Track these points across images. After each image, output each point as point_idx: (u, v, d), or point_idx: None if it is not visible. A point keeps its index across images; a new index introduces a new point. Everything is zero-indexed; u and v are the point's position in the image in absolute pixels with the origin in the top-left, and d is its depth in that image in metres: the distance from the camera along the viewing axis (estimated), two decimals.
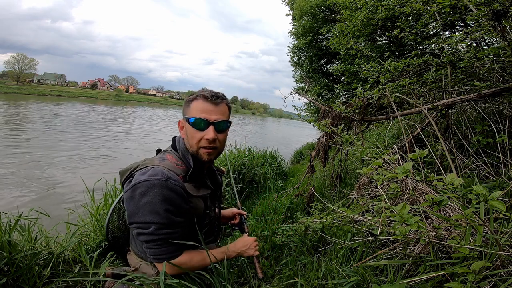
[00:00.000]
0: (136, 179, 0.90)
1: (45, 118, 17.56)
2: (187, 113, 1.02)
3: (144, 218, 0.88)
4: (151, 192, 0.87)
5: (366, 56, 5.20)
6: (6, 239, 1.41)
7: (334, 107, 2.46)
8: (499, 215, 0.95)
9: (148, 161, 0.99)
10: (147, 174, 0.89)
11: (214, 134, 0.97)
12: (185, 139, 1.04)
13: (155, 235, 0.90)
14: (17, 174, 6.20)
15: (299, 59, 14.72)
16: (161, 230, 0.89)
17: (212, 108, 0.99)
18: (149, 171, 0.90)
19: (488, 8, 1.52)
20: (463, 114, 1.99)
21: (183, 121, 1.05)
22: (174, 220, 0.91)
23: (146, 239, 0.91)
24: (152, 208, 0.87)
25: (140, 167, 0.95)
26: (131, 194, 0.89)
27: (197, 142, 0.99)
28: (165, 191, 0.88)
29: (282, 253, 1.88)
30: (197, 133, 0.98)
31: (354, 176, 2.77)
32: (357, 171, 1.51)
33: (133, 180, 0.90)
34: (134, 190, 0.88)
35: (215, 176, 1.19)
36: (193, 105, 1.00)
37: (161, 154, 1.06)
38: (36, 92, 60.11)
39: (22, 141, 9.62)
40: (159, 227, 0.89)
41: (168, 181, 0.89)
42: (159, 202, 0.87)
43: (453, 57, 2.01)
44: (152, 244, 0.92)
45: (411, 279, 0.89)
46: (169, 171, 0.92)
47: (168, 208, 0.89)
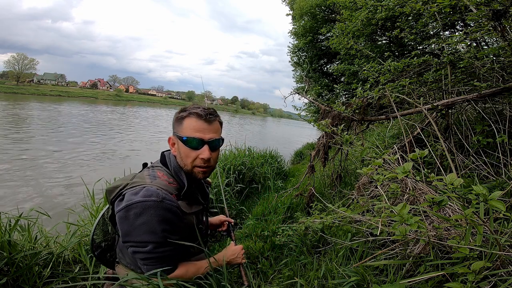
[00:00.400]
0: (128, 200, 0.87)
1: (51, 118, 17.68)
2: (179, 131, 0.98)
3: (140, 238, 0.87)
4: (147, 213, 0.85)
5: (366, 56, 5.20)
6: (6, 239, 1.41)
7: (334, 107, 2.46)
8: (499, 215, 0.95)
9: (138, 179, 0.95)
10: (140, 194, 0.87)
11: (209, 154, 0.96)
12: (178, 157, 1.01)
13: (152, 253, 0.89)
14: (18, 173, 6.21)
15: (299, 59, 14.72)
16: (158, 248, 0.89)
17: (206, 126, 0.97)
18: (142, 191, 0.88)
19: (488, 8, 1.52)
20: (463, 114, 1.99)
21: (174, 138, 1.01)
22: (170, 238, 0.91)
23: (143, 257, 0.90)
24: (149, 228, 0.86)
25: (130, 186, 0.91)
26: (124, 214, 0.87)
27: (192, 161, 0.98)
28: (161, 211, 0.87)
29: (282, 253, 1.88)
30: (192, 152, 0.97)
31: (354, 176, 2.77)
32: (357, 171, 1.51)
33: (125, 201, 0.88)
34: (128, 210, 0.86)
35: (204, 189, 1.19)
36: (186, 123, 0.97)
37: (151, 171, 1.00)
38: (36, 92, 60.13)
39: (23, 141, 9.63)
40: (156, 246, 0.89)
41: (164, 201, 0.88)
42: (156, 223, 0.86)
43: (453, 57, 2.01)
44: (149, 262, 0.91)
45: (411, 279, 0.89)
46: (162, 190, 0.90)
47: (165, 228, 0.89)
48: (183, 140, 0.96)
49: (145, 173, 0.99)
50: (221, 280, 1.08)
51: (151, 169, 1.01)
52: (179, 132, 0.98)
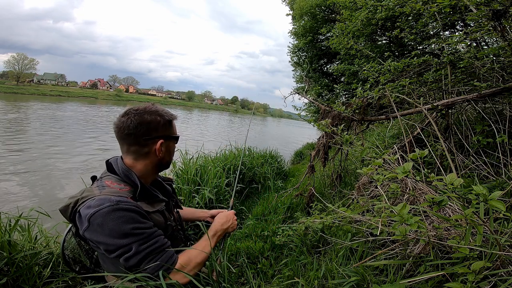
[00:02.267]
0: (86, 214, 0.85)
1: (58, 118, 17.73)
2: (172, 132, 1.08)
3: (119, 243, 0.86)
4: (108, 219, 0.84)
5: (366, 56, 5.21)
6: (6, 239, 1.41)
7: (334, 107, 2.46)
8: (499, 215, 0.95)
9: (88, 192, 0.93)
10: (93, 205, 0.86)
11: None
12: (157, 160, 1.05)
13: (141, 253, 0.88)
14: (18, 172, 6.21)
15: (299, 59, 14.72)
16: (142, 245, 0.88)
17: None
18: (94, 202, 0.87)
19: (488, 8, 1.52)
20: (463, 114, 1.99)
21: (165, 141, 1.05)
22: (148, 233, 0.91)
23: (135, 261, 0.88)
24: (119, 232, 0.85)
25: (81, 202, 0.90)
26: (91, 229, 0.85)
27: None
28: (121, 213, 0.86)
29: (282, 253, 1.88)
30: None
31: (354, 176, 2.77)
32: (357, 171, 1.51)
33: (83, 216, 0.86)
34: (91, 225, 0.85)
35: (164, 186, 1.19)
36: (174, 125, 1.09)
37: (99, 182, 0.98)
38: (36, 92, 60.14)
39: (26, 141, 9.63)
40: (140, 244, 0.88)
41: (119, 204, 0.87)
42: (122, 224, 0.85)
43: (453, 57, 2.01)
44: (145, 262, 0.89)
45: (411, 279, 0.89)
46: (114, 196, 0.89)
47: (134, 226, 0.87)
48: (176, 139, 1.10)
49: (94, 186, 0.97)
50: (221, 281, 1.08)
51: (99, 181, 1.00)
52: (173, 133, 1.08)
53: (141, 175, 1.03)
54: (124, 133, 0.98)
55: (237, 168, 3.80)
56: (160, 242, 0.93)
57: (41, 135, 11.12)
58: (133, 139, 0.99)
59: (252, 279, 1.52)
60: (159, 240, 0.93)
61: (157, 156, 1.04)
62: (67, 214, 0.93)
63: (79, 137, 11.75)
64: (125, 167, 1.00)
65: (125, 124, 0.98)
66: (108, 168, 1.04)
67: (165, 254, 0.93)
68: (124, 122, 0.98)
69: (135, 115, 0.98)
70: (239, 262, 1.83)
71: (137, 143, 1.00)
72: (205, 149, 3.95)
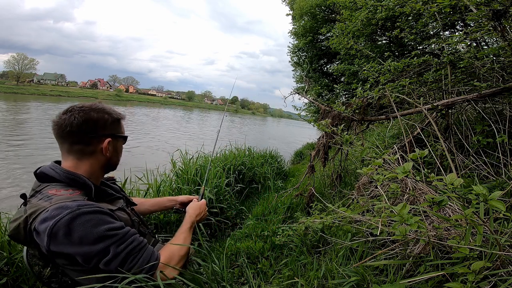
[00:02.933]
0: (43, 230, 0.76)
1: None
2: (120, 131, 1.05)
3: (95, 249, 0.79)
4: (73, 226, 0.76)
5: (366, 56, 5.21)
6: (6, 239, 1.41)
7: (334, 107, 2.46)
8: (499, 215, 0.95)
9: (33, 208, 0.81)
10: (50, 217, 0.76)
11: None
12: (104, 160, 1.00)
13: (120, 254, 0.83)
14: (18, 171, 6.21)
15: (299, 59, 14.73)
16: (120, 246, 0.83)
17: None
18: (48, 213, 0.77)
19: (488, 8, 1.52)
20: (463, 114, 1.99)
21: (113, 139, 1.00)
22: (122, 233, 0.85)
23: (117, 263, 0.82)
24: (91, 238, 0.78)
25: (32, 218, 0.79)
26: (57, 243, 0.76)
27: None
28: (86, 217, 0.79)
29: (282, 253, 1.88)
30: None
31: (354, 176, 2.77)
32: (357, 171, 1.51)
33: (42, 232, 0.76)
34: (54, 238, 0.76)
35: (111, 186, 1.16)
36: (122, 124, 1.06)
37: (39, 195, 0.86)
38: (36, 92, 60.14)
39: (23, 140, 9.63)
40: (117, 245, 0.82)
41: (81, 208, 0.79)
42: (92, 229, 0.78)
43: (453, 57, 2.01)
44: (129, 262, 0.84)
45: (411, 279, 0.89)
46: (69, 201, 0.81)
47: (105, 227, 0.81)
48: (125, 139, 1.07)
49: (35, 201, 0.84)
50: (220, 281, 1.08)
51: (38, 194, 0.87)
52: (121, 132, 1.05)
53: (88, 176, 0.95)
54: (65, 130, 0.90)
55: (236, 169, 3.80)
56: (137, 240, 0.89)
57: (43, 134, 11.14)
58: (76, 137, 0.92)
59: (252, 279, 1.52)
60: (135, 239, 0.88)
61: (104, 156, 0.99)
62: (20, 236, 0.81)
63: None
64: (67, 170, 0.92)
65: (67, 121, 0.90)
66: (41, 178, 0.92)
67: (146, 251, 0.89)
68: (67, 119, 0.90)
69: (79, 112, 0.92)
70: (239, 262, 1.83)
71: (81, 142, 0.93)
72: (205, 150, 3.95)
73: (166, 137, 14.78)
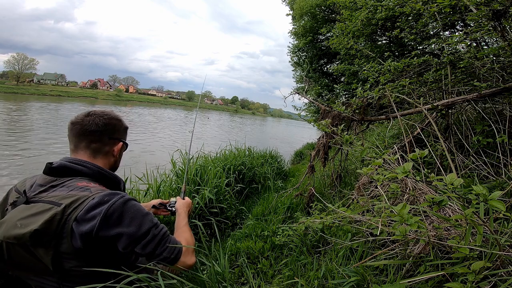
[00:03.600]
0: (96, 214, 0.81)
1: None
2: (126, 138, 1.16)
3: (142, 231, 0.88)
4: (125, 209, 0.86)
5: (366, 56, 5.20)
6: None
7: (334, 107, 2.46)
8: (499, 215, 0.95)
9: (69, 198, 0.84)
10: (102, 202, 0.83)
11: None
12: (113, 161, 1.10)
13: (156, 237, 0.92)
14: (18, 169, 6.21)
15: (299, 59, 14.73)
16: (156, 229, 0.93)
17: None
18: (98, 199, 0.84)
19: (488, 8, 1.52)
20: (463, 114, 1.99)
21: (122, 144, 1.12)
22: (155, 219, 0.96)
23: (152, 246, 0.90)
24: (138, 220, 0.88)
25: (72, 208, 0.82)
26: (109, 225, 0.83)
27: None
28: (132, 202, 0.90)
29: (282, 253, 1.88)
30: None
31: (354, 176, 2.77)
32: (357, 171, 1.51)
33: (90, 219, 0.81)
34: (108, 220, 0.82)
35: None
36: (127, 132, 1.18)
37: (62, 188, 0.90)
38: (36, 92, 60.10)
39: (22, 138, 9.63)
40: (154, 228, 0.92)
41: (126, 195, 0.89)
42: (137, 212, 0.89)
43: (453, 57, 2.01)
44: (161, 246, 0.93)
45: (411, 279, 0.89)
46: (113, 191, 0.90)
47: (145, 213, 0.92)
48: (127, 146, 1.16)
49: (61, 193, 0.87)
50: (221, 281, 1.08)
51: (60, 187, 0.90)
52: (126, 139, 1.17)
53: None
54: (89, 129, 1.00)
55: (236, 169, 3.80)
56: (164, 228, 0.97)
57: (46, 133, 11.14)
58: (98, 136, 1.02)
59: (252, 279, 1.52)
60: (163, 227, 0.97)
61: (113, 157, 1.09)
62: (51, 230, 0.79)
63: None
64: (99, 166, 1.01)
65: (92, 122, 1.01)
66: (61, 173, 0.94)
67: (172, 238, 0.98)
68: (91, 120, 1.02)
69: (102, 115, 1.05)
70: (239, 262, 1.83)
71: (100, 141, 1.03)
72: (205, 149, 3.95)
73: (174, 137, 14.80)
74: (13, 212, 0.84)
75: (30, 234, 0.76)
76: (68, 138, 1.04)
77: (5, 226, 0.80)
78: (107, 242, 0.85)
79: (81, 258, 0.83)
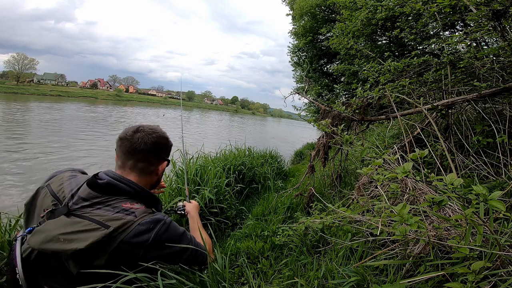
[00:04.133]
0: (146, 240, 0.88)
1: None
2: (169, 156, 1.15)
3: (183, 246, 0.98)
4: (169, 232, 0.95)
5: (366, 56, 5.20)
6: (6, 239, 1.41)
7: (334, 107, 2.46)
8: (499, 215, 0.95)
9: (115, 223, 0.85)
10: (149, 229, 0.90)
11: None
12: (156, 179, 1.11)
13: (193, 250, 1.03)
14: (18, 171, 6.21)
15: (299, 59, 14.73)
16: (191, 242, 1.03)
17: None
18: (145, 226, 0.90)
19: (488, 8, 1.52)
20: (463, 114, 1.99)
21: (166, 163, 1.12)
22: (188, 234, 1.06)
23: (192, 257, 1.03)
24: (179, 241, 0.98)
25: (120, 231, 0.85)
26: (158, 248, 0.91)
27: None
28: (173, 224, 0.98)
29: (282, 253, 1.88)
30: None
31: (354, 176, 2.77)
32: (357, 171, 1.51)
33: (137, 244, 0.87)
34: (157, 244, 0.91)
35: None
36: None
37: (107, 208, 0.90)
38: (36, 92, 60.11)
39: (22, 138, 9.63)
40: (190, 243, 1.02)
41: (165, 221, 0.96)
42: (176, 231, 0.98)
43: (453, 57, 2.02)
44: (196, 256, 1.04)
45: (411, 279, 0.89)
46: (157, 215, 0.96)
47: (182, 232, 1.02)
48: (169, 162, 1.15)
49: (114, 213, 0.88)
50: (221, 281, 1.08)
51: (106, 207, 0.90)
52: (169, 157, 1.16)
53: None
54: (138, 148, 0.99)
55: (236, 169, 3.80)
56: (193, 238, 1.08)
57: (42, 134, 11.14)
58: (144, 155, 1.00)
59: (252, 279, 1.52)
60: (191, 236, 1.07)
61: (156, 176, 1.09)
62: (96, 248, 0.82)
63: (80, 135, 11.76)
64: (144, 189, 1.02)
65: (141, 140, 0.99)
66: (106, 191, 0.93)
67: (199, 245, 1.09)
68: (140, 138, 0.99)
69: (151, 133, 1.02)
70: (239, 262, 1.83)
71: (146, 160, 1.02)
72: (205, 149, 3.95)
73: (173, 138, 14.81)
74: (54, 223, 0.84)
75: (72, 252, 0.78)
76: (115, 152, 1.03)
77: (44, 236, 0.80)
78: (148, 261, 0.90)
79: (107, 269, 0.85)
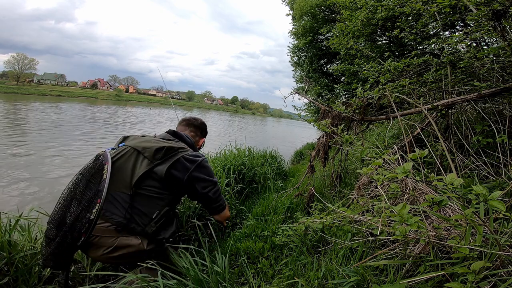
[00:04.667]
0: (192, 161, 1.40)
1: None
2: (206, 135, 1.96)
3: (213, 180, 1.49)
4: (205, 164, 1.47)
5: (366, 56, 5.20)
6: (6, 239, 1.41)
7: (334, 107, 2.46)
8: (499, 215, 0.95)
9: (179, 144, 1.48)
10: (196, 156, 1.45)
11: None
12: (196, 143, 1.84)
13: (219, 188, 1.54)
14: (17, 172, 6.20)
15: (299, 59, 14.72)
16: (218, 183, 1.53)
17: None
18: (194, 153, 1.46)
19: (488, 8, 1.52)
20: (463, 114, 1.99)
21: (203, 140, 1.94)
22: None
23: (218, 192, 1.53)
24: (211, 173, 1.49)
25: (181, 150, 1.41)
26: (198, 170, 1.41)
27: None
28: (207, 162, 1.50)
29: (282, 253, 1.88)
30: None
31: (354, 176, 2.77)
32: (357, 171, 1.51)
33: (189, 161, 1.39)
34: (199, 167, 1.41)
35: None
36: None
37: (175, 142, 1.50)
38: (36, 92, 60.08)
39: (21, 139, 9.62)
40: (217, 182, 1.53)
41: (204, 157, 1.49)
42: (210, 168, 1.49)
43: (453, 57, 2.01)
44: (219, 194, 1.53)
45: (411, 279, 0.89)
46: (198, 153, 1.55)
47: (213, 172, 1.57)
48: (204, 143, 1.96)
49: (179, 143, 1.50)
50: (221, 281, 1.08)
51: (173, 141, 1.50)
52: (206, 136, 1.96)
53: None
54: (194, 123, 1.83)
55: (236, 169, 3.80)
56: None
57: (41, 135, 11.13)
58: (196, 128, 1.83)
59: (252, 279, 1.52)
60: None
61: (198, 145, 1.83)
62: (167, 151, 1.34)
63: (80, 135, 11.75)
64: (193, 142, 1.68)
65: (197, 120, 1.87)
66: (177, 136, 1.61)
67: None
68: (197, 119, 1.88)
69: (199, 119, 1.90)
70: (239, 262, 1.83)
71: (195, 132, 1.83)
72: (205, 149, 3.95)
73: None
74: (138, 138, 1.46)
75: (156, 148, 1.33)
76: (178, 125, 1.83)
77: (138, 140, 1.42)
78: (192, 180, 1.38)
79: (157, 182, 1.31)
